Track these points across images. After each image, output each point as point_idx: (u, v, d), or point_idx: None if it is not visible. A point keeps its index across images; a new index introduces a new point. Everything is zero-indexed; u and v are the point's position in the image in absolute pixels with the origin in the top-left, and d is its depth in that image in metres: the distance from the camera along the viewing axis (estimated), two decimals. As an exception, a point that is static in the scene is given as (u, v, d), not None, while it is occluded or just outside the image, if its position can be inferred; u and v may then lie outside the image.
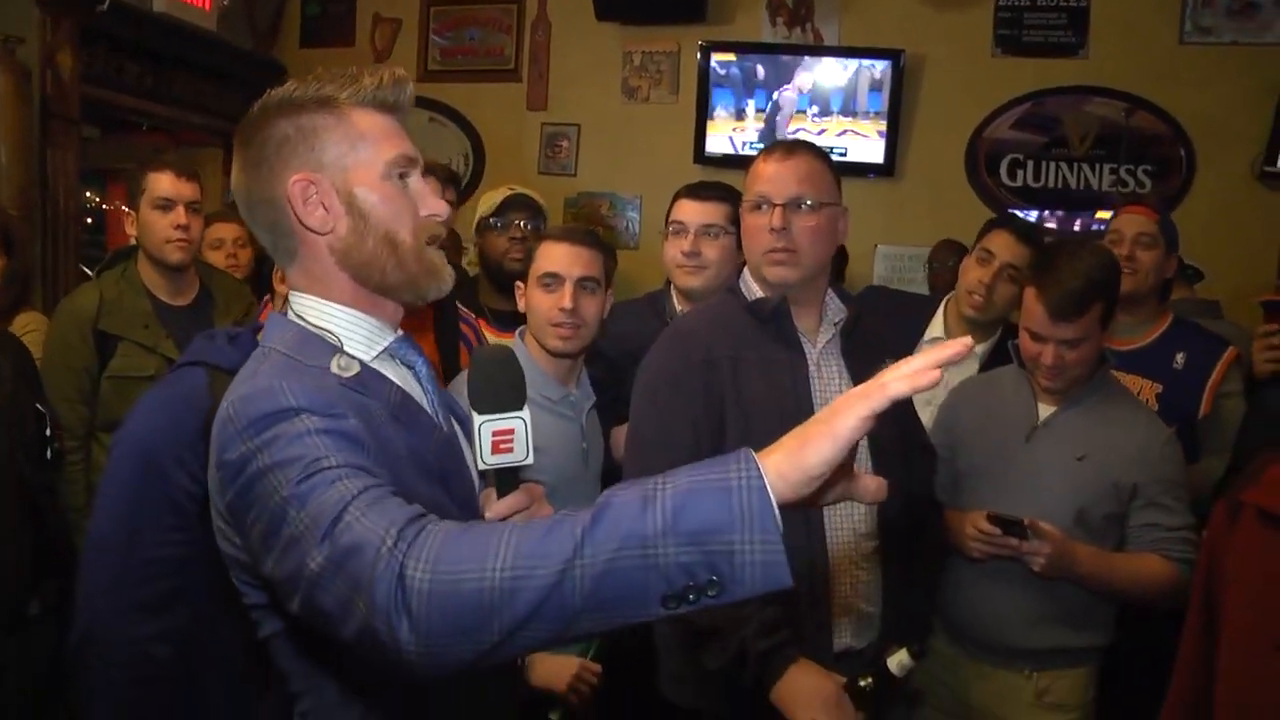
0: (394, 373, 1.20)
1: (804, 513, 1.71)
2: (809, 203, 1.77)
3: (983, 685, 2.08)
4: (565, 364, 2.03)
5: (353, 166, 1.15)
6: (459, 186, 2.22)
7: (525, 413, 1.26)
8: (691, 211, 2.32)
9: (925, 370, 0.85)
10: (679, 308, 2.33)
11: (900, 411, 1.90)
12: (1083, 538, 1.98)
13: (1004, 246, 2.48)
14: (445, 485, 1.18)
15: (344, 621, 0.90)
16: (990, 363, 2.46)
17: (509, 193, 2.73)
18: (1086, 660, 2.07)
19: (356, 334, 1.17)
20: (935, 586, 2.05)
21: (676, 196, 2.39)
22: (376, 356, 1.18)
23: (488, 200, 2.75)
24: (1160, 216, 2.59)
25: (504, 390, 1.24)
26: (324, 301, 1.17)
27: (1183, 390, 2.41)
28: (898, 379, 0.85)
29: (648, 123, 4.61)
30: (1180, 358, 2.45)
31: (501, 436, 1.25)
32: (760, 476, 0.83)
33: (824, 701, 1.61)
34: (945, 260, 3.83)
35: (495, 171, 4.77)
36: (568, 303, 1.95)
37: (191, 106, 4.36)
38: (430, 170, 2.09)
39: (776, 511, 0.83)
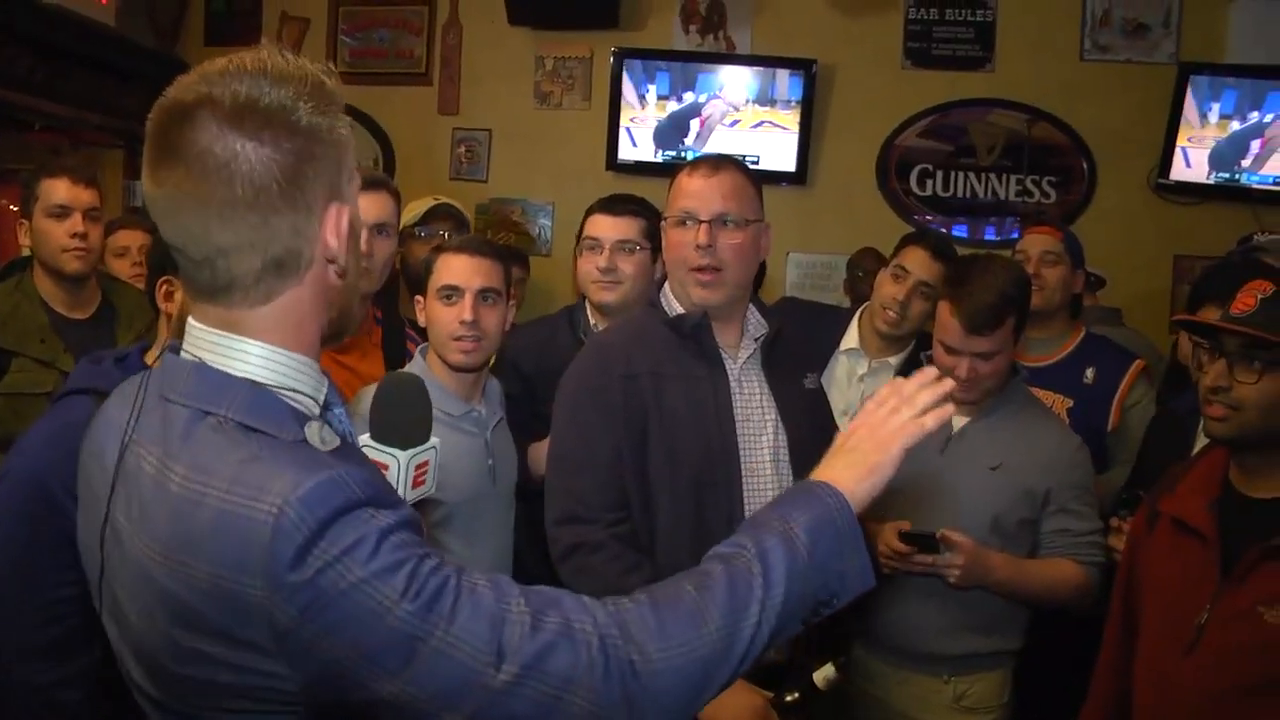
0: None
1: (726, 525, 1.71)
2: (734, 220, 1.76)
3: (902, 690, 2.11)
4: (468, 379, 1.99)
5: (348, 198, 1.00)
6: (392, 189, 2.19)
7: (436, 440, 1.25)
8: (606, 227, 2.30)
9: (947, 409, 1.10)
10: (594, 323, 2.32)
11: (821, 425, 1.92)
12: (998, 544, 2.01)
13: (919, 263, 2.52)
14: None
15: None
16: (904, 374, 2.48)
17: (434, 202, 2.71)
18: (1002, 664, 2.10)
19: (303, 386, 0.98)
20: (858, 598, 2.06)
21: (590, 211, 2.37)
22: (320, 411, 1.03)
23: (412, 209, 2.72)
24: (1064, 235, 2.67)
25: (419, 422, 1.21)
26: (285, 352, 0.96)
27: (1092, 404, 2.48)
28: (931, 416, 1.08)
29: (560, 129, 4.56)
30: (1090, 373, 2.52)
31: (420, 471, 1.23)
32: (848, 504, 1.03)
33: (751, 717, 1.64)
34: (868, 267, 3.85)
35: (406, 176, 4.66)
36: (468, 315, 1.91)
37: (89, 105, 4.16)
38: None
39: (860, 530, 1.03)
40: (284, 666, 0.86)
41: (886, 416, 1.10)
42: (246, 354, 0.95)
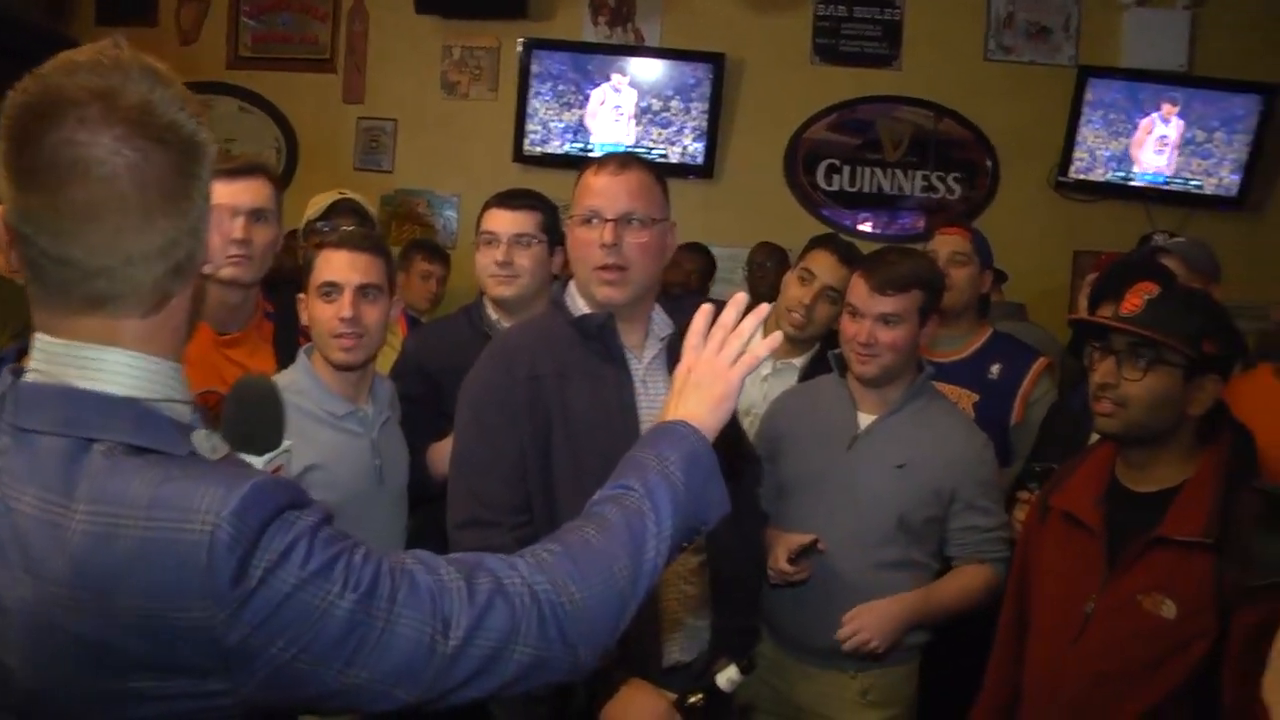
0: None
1: None
2: (640, 218, 1.74)
3: (808, 686, 2.11)
4: (352, 377, 1.94)
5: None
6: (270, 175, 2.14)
7: (289, 443, 1.27)
8: (503, 221, 2.27)
9: (774, 338, 1.20)
10: (494, 317, 2.29)
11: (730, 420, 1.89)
12: (905, 542, 2.04)
13: (825, 268, 2.52)
14: None
15: (500, 673, 0.94)
16: (810, 376, 2.50)
17: (337, 196, 2.65)
18: (907, 658, 2.11)
19: (186, 395, 0.94)
20: (760, 598, 2.07)
21: (486, 205, 2.35)
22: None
23: (315, 204, 2.66)
24: (973, 235, 2.70)
25: (272, 425, 1.21)
26: (161, 360, 0.92)
27: (997, 399, 2.51)
28: (763, 346, 1.17)
29: (467, 119, 4.50)
30: (995, 369, 2.55)
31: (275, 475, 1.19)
32: (705, 439, 1.12)
33: (655, 719, 1.63)
34: (763, 261, 3.85)
35: (309, 166, 4.56)
36: (347, 311, 1.86)
37: (-30, 86, 3.97)
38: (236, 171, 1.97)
39: (716, 459, 1.11)
40: (225, 683, 0.84)
41: (717, 349, 1.17)
42: (125, 368, 0.89)
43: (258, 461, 1.18)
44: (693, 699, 1.66)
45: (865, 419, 2.10)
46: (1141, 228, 4.07)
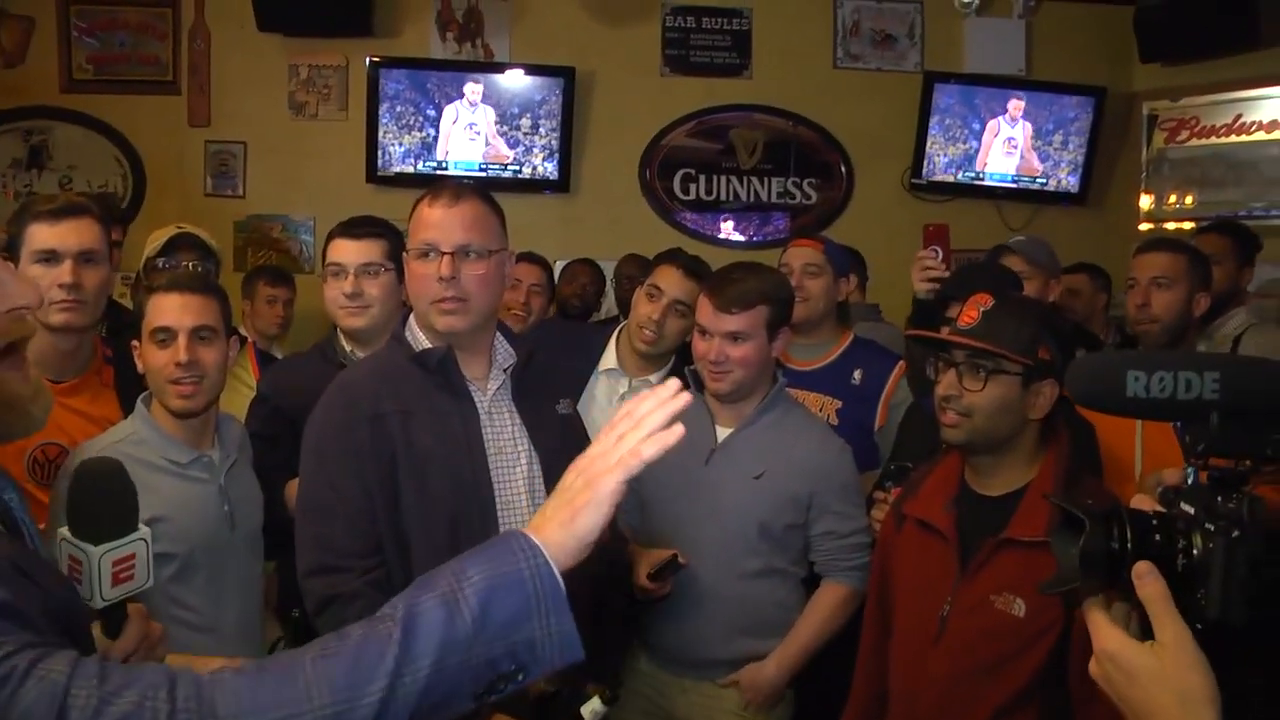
0: None
1: None
2: (477, 250, 1.73)
3: (685, 700, 2.13)
4: (194, 423, 1.89)
5: None
6: (111, 210, 2.11)
7: (145, 530, 1.17)
8: (348, 251, 2.25)
9: (671, 432, 0.95)
10: (349, 348, 2.27)
11: (576, 451, 1.85)
12: (767, 550, 2.08)
13: (671, 282, 2.55)
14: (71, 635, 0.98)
15: None
16: None
17: (175, 231, 2.60)
18: None
19: None
20: (623, 625, 2.10)
21: (331, 236, 2.31)
22: None
23: (154, 240, 2.60)
24: (826, 246, 2.74)
25: (121, 510, 1.14)
26: None
27: (860, 405, 2.56)
28: (648, 444, 0.94)
29: (318, 140, 4.40)
30: (858, 374, 2.60)
31: (122, 565, 1.15)
32: (547, 562, 0.89)
33: None
34: (631, 274, 3.85)
35: (158, 193, 4.40)
36: (182, 356, 1.82)
37: None
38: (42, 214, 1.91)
39: (563, 591, 0.89)
40: None
41: (609, 447, 0.97)
42: None
43: (94, 553, 1.12)
44: None
45: (722, 432, 2.13)
46: (993, 224, 4.19)
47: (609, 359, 2.66)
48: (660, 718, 2.16)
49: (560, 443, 1.84)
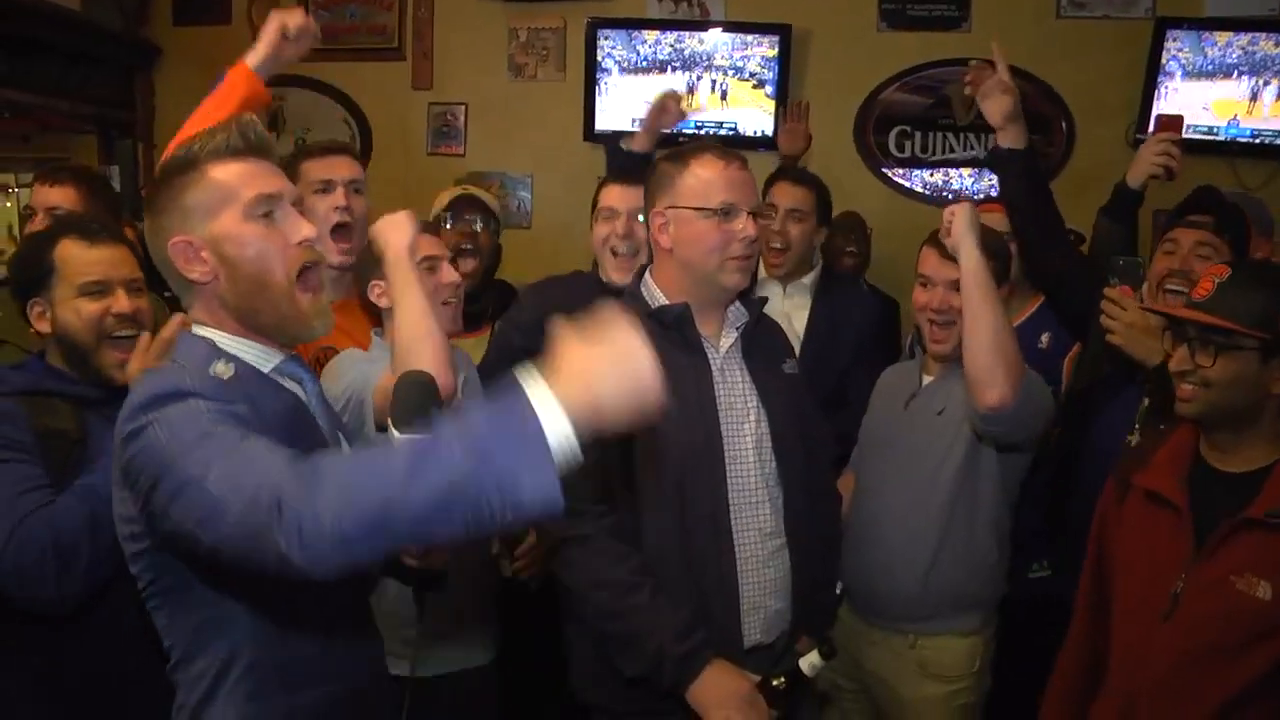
0: (286, 385, 1.38)
1: (711, 516, 1.77)
2: (760, 209, 1.88)
3: (874, 651, 2.18)
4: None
5: (216, 219, 1.29)
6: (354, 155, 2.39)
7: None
8: (621, 197, 2.36)
9: None
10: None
11: (799, 406, 1.95)
12: (953, 473, 2.08)
13: (783, 194, 2.73)
14: None
15: (253, 545, 1.03)
16: (823, 291, 2.74)
17: (459, 192, 2.79)
18: (969, 633, 2.13)
19: (248, 355, 1.35)
20: (836, 578, 2.12)
21: (604, 182, 2.46)
22: (269, 371, 1.36)
23: (439, 200, 2.78)
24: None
25: (425, 414, 1.34)
26: (219, 333, 1.34)
27: (1045, 369, 2.48)
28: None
29: (536, 101, 4.52)
30: (1045, 338, 2.59)
31: None
32: (533, 409, 1.01)
33: (738, 701, 1.66)
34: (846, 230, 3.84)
35: (383, 152, 4.64)
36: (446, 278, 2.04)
37: (56, 92, 4.14)
38: (314, 151, 2.25)
39: (544, 443, 1.00)
40: (128, 494, 1.21)
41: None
42: (203, 331, 1.40)
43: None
44: (775, 682, 1.70)
45: (925, 380, 2.23)
46: (1227, 183, 3.96)
47: (765, 287, 2.72)
48: (849, 664, 2.19)
49: (787, 401, 1.89)
